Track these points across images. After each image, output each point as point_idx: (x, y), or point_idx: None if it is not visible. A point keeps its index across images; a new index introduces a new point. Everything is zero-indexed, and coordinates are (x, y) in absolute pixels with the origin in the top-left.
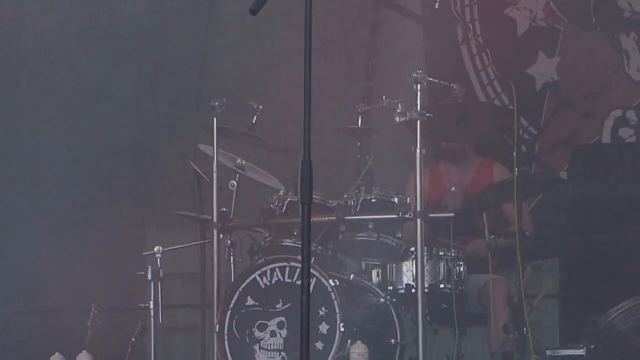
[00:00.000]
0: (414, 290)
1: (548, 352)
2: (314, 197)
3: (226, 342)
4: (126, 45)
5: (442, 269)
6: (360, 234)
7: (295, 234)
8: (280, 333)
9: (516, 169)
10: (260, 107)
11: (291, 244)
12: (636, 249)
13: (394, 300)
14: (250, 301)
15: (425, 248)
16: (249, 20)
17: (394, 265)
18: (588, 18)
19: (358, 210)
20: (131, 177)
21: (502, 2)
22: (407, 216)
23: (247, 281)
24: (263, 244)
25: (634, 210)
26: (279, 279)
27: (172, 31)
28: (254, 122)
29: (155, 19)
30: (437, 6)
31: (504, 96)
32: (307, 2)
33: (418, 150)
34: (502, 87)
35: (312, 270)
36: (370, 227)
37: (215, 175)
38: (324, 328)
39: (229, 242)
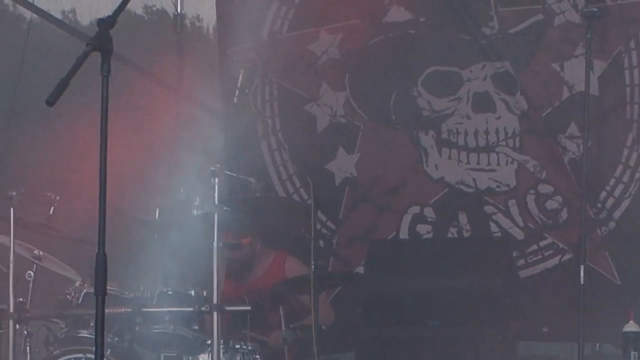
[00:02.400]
0: None
1: None
2: (110, 288)
3: None
4: None
5: None
6: (157, 326)
7: (92, 324)
8: None
9: (313, 263)
10: (57, 198)
11: (87, 335)
12: (430, 344)
13: None
14: None
15: (222, 341)
16: (46, 110)
17: (190, 358)
18: (388, 115)
19: (155, 302)
20: None
21: (301, 98)
22: (204, 308)
23: None
24: (59, 334)
25: (429, 305)
26: None
27: None
28: (51, 212)
29: None
30: (235, 100)
31: (302, 191)
32: (102, 94)
33: (215, 243)
34: (301, 182)
35: None
36: (167, 319)
37: (11, 265)
38: None
39: (25, 332)
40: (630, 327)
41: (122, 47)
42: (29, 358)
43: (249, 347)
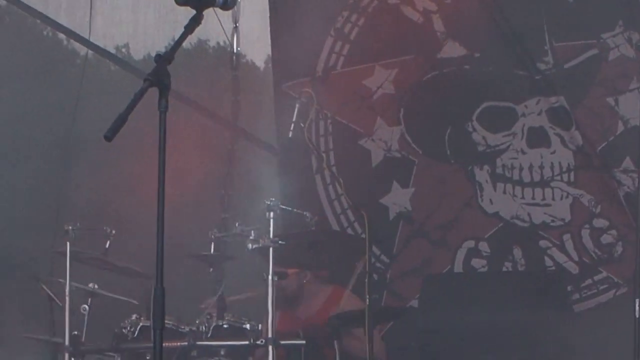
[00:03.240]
0: None
1: None
2: (166, 321)
3: None
4: None
5: None
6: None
7: (148, 358)
8: None
9: (367, 297)
10: (114, 232)
11: None
12: None
13: None
14: None
15: None
16: (102, 145)
17: None
18: (442, 150)
19: (209, 335)
20: None
21: (356, 133)
22: (259, 342)
23: None
24: None
25: (484, 339)
26: None
27: (25, 154)
28: (107, 246)
29: None
30: (290, 135)
31: (356, 225)
32: (160, 130)
33: (270, 277)
34: (355, 216)
35: None
36: (222, 352)
37: (67, 298)
38: None
39: None
40: None
41: (178, 83)
42: None
43: None
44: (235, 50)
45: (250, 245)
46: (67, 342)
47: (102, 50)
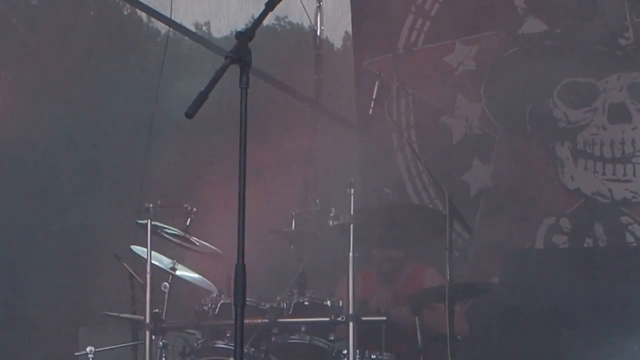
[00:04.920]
0: None
1: None
2: (247, 299)
3: None
4: (62, 146)
5: None
6: (293, 337)
7: (228, 335)
8: None
9: (448, 274)
10: (195, 209)
11: (223, 346)
12: (566, 354)
13: None
14: None
15: (357, 351)
16: (184, 123)
17: None
18: (523, 127)
19: (290, 312)
20: (64, 277)
21: (437, 109)
22: (340, 319)
23: None
24: (195, 345)
25: (565, 315)
26: None
27: (109, 132)
28: (187, 224)
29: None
30: (370, 112)
31: (437, 201)
32: (242, 107)
33: (350, 254)
34: (436, 193)
35: None
36: (303, 329)
37: (148, 276)
38: None
39: (161, 343)
40: None
41: (260, 61)
42: None
43: (385, 357)
44: (318, 29)
45: (331, 222)
46: (147, 320)
47: (183, 28)
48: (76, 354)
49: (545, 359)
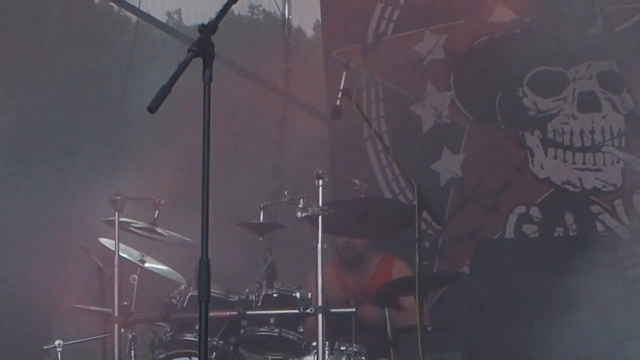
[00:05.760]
0: None
1: None
2: (215, 291)
3: None
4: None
5: None
6: (262, 329)
7: (197, 328)
8: None
9: (417, 264)
10: (162, 202)
11: (192, 338)
12: (538, 343)
13: None
14: None
15: (327, 342)
16: (152, 117)
17: None
18: (493, 116)
19: (259, 304)
20: (34, 269)
21: (407, 99)
22: (309, 311)
23: None
24: (164, 338)
25: (536, 304)
26: None
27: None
28: (155, 216)
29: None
30: (337, 102)
31: (408, 192)
32: (205, 100)
33: (319, 245)
34: (406, 183)
35: None
36: (272, 321)
37: (116, 269)
38: None
39: (130, 335)
40: None
41: (230, 51)
42: None
43: (355, 349)
44: (286, 18)
45: (299, 214)
46: (116, 313)
47: (151, 18)
48: (44, 347)
49: (516, 349)
